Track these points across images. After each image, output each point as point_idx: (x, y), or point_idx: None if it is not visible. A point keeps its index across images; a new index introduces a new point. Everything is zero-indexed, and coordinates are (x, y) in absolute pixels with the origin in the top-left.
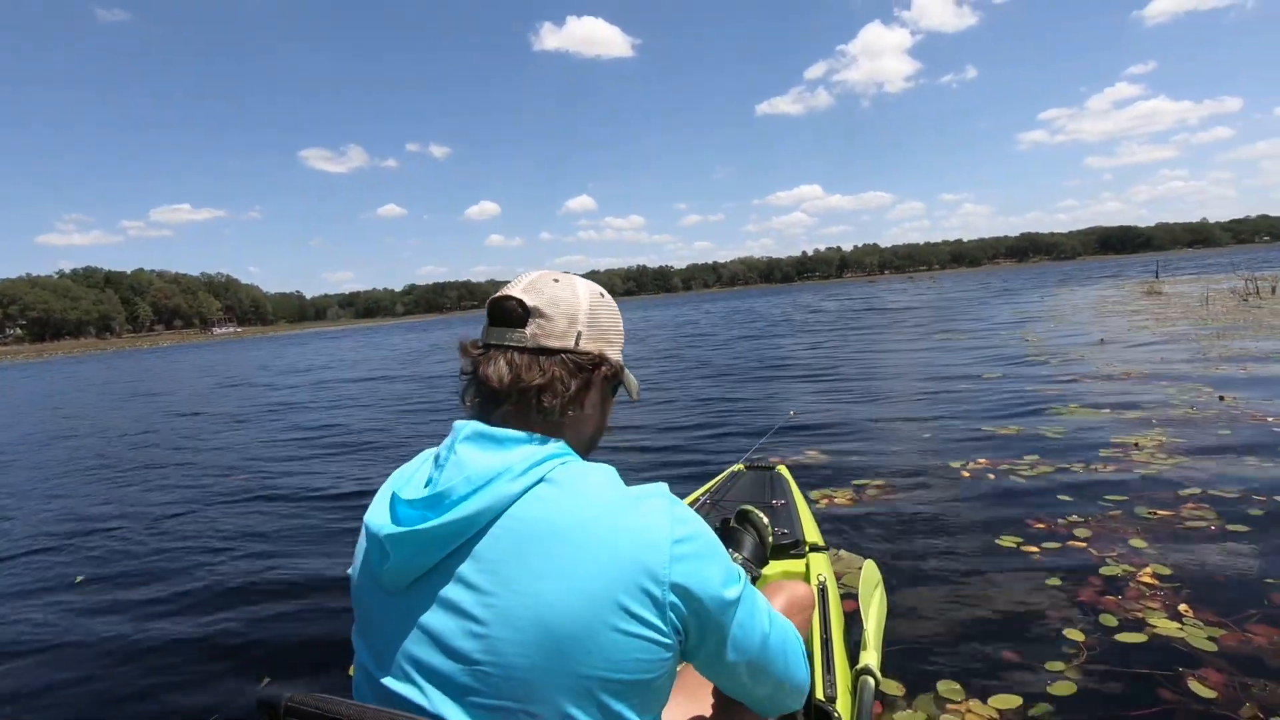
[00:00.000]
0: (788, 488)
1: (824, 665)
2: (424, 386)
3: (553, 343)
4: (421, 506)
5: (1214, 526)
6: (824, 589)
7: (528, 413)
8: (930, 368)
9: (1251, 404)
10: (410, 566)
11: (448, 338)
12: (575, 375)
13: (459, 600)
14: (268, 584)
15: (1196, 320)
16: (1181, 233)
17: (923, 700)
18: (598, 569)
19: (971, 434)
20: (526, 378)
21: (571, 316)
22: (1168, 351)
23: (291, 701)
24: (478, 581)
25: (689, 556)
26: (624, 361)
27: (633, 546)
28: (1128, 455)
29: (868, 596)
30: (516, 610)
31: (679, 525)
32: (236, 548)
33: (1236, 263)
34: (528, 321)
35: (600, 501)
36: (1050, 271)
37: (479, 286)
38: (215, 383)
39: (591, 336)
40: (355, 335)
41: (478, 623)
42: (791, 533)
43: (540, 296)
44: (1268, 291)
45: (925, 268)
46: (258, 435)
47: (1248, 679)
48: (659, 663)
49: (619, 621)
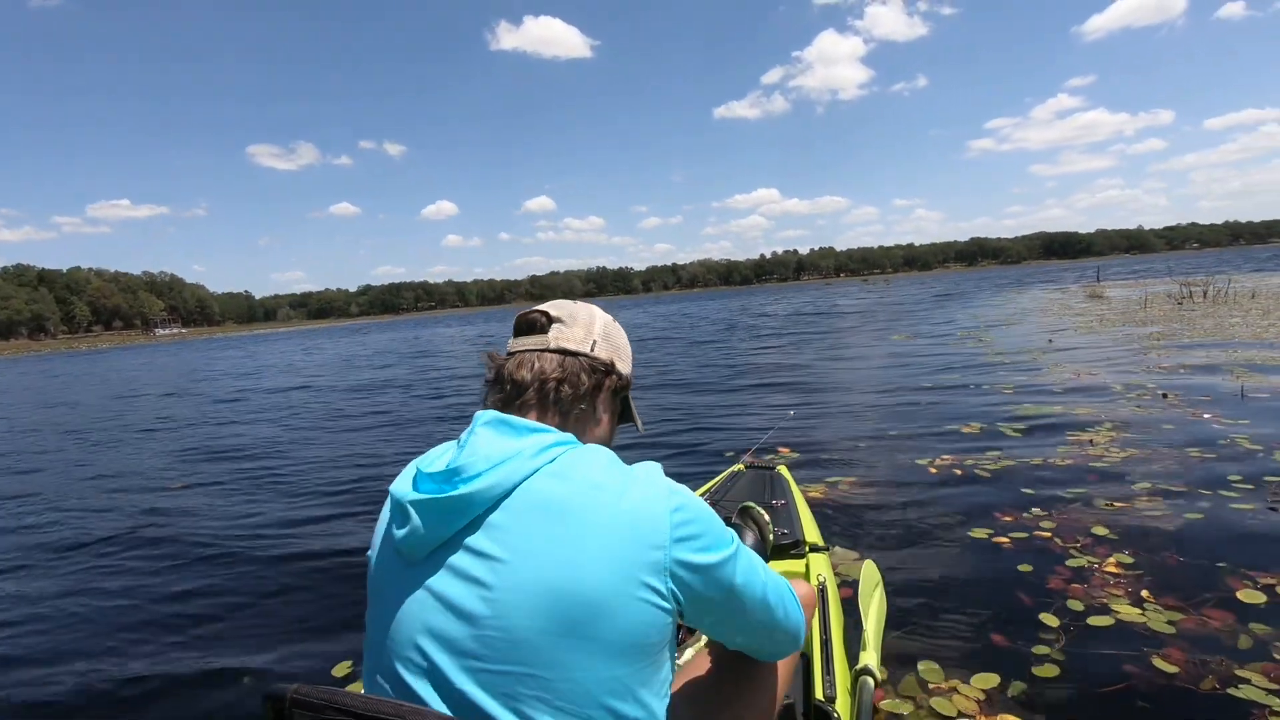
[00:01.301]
0: (788, 488)
1: (823, 665)
2: (349, 396)
3: (571, 345)
4: (441, 480)
5: (1167, 517)
6: (824, 589)
7: (544, 405)
8: (890, 369)
9: (1191, 401)
10: (429, 535)
11: (392, 340)
12: (589, 375)
13: (470, 568)
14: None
15: (1137, 322)
16: (1119, 239)
17: (907, 682)
18: (603, 539)
19: (934, 432)
20: (548, 371)
21: (588, 327)
22: (1112, 352)
23: (297, 694)
24: (489, 550)
25: (686, 523)
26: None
27: (636, 518)
28: (1083, 450)
29: (867, 597)
30: (525, 577)
31: (675, 495)
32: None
33: (1170, 268)
34: (549, 328)
35: (604, 478)
36: (998, 275)
37: (436, 287)
38: (112, 394)
39: (605, 348)
40: (303, 336)
41: (487, 589)
42: (791, 533)
43: (562, 310)
44: (1200, 296)
45: (879, 271)
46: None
47: (1206, 656)
48: (659, 627)
49: (624, 586)
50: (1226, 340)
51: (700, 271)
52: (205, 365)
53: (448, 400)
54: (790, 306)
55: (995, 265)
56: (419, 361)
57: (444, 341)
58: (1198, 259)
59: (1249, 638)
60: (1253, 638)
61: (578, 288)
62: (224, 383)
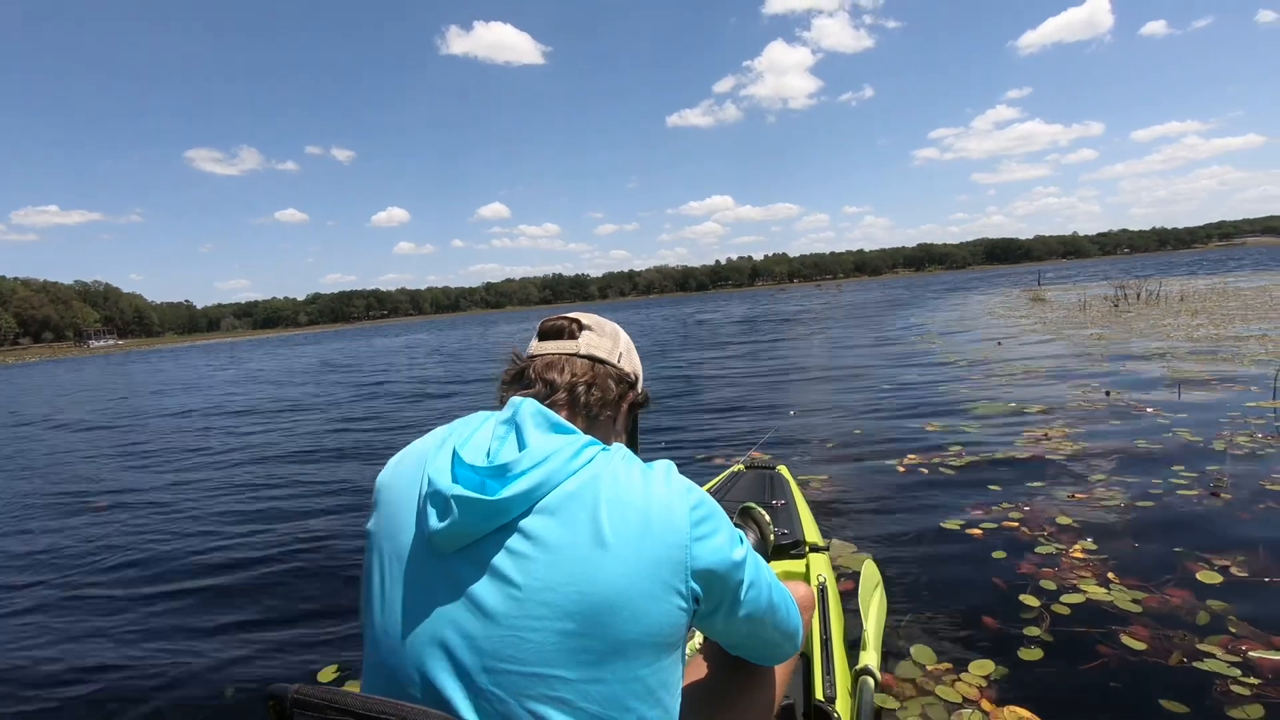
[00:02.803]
0: (788, 488)
1: (823, 666)
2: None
3: (601, 354)
4: (485, 475)
5: (1123, 505)
6: (824, 589)
7: (574, 408)
8: (850, 372)
9: (1133, 397)
10: (468, 531)
11: (327, 352)
12: (617, 384)
13: (501, 566)
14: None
15: (1077, 324)
16: (1056, 244)
17: (903, 666)
18: (628, 539)
19: (899, 431)
20: (579, 374)
21: (615, 339)
22: (1057, 352)
23: (299, 693)
24: (521, 549)
25: (703, 521)
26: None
27: (658, 518)
28: (1040, 445)
29: (867, 597)
30: (554, 578)
31: (692, 493)
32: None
33: (1104, 272)
34: (580, 335)
35: (628, 478)
36: (945, 280)
37: (389, 295)
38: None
39: (628, 361)
40: (251, 346)
41: (516, 588)
42: (792, 533)
43: (589, 319)
44: (1135, 298)
45: (831, 276)
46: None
47: (1169, 632)
48: (678, 627)
49: (647, 587)
50: (1161, 339)
51: (657, 278)
52: (91, 383)
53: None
54: (751, 312)
55: (942, 270)
56: (330, 378)
57: (373, 354)
58: (1129, 263)
59: (1206, 614)
60: (1210, 613)
61: (534, 295)
62: (86, 404)
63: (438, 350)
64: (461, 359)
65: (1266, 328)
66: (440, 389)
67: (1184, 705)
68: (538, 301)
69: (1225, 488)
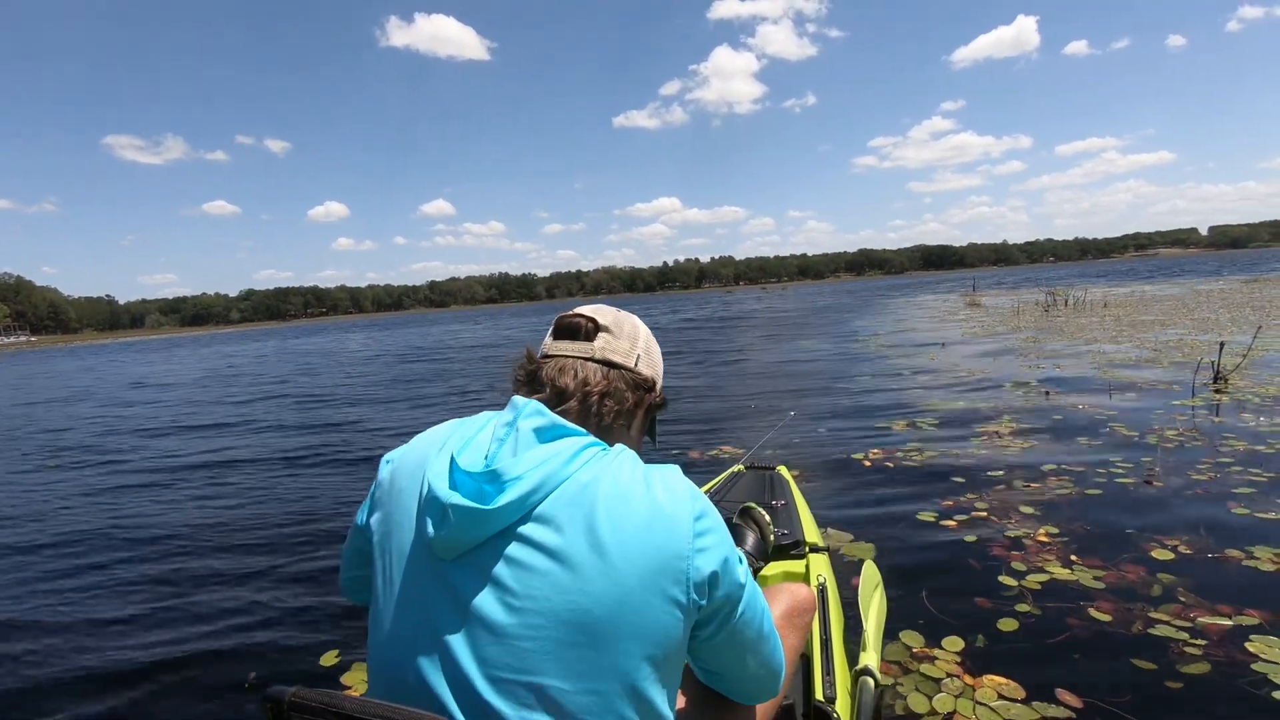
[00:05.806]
0: (788, 488)
1: (824, 666)
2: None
3: (617, 358)
4: (482, 480)
5: (1075, 493)
6: (824, 590)
7: (585, 416)
8: (804, 373)
9: (1069, 396)
10: (465, 538)
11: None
12: (633, 391)
13: (498, 574)
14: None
15: (1012, 327)
16: (988, 252)
17: (892, 649)
18: (629, 546)
19: (861, 429)
20: (593, 382)
21: (633, 339)
22: (996, 353)
23: (295, 697)
24: (519, 556)
25: (706, 533)
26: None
27: (660, 526)
28: (993, 440)
29: (867, 597)
30: (552, 586)
31: (696, 502)
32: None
33: (1033, 279)
34: (595, 336)
35: (631, 482)
36: (885, 285)
37: (328, 292)
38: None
39: (646, 363)
40: (157, 347)
41: (514, 595)
42: (792, 533)
43: (607, 317)
44: (1064, 304)
45: (776, 279)
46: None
47: (1130, 605)
48: (677, 637)
49: (647, 596)
50: (1089, 342)
51: (605, 278)
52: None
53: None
54: (702, 313)
55: (881, 275)
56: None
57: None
58: (1055, 271)
59: (1159, 587)
60: (1162, 586)
61: (479, 294)
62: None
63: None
64: (463, 367)
65: (1182, 332)
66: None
67: (1151, 664)
68: (484, 301)
69: (1158, 476)
